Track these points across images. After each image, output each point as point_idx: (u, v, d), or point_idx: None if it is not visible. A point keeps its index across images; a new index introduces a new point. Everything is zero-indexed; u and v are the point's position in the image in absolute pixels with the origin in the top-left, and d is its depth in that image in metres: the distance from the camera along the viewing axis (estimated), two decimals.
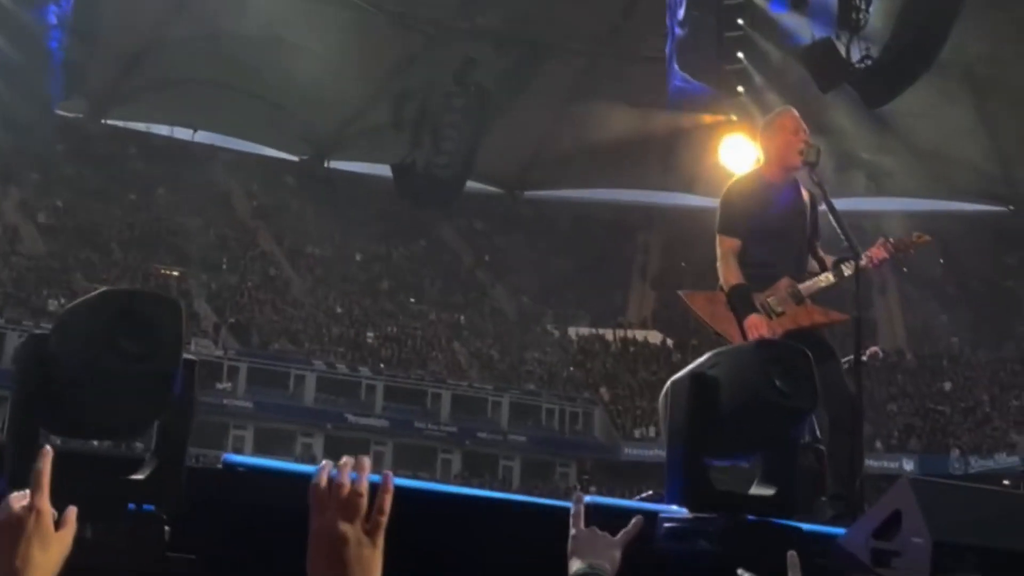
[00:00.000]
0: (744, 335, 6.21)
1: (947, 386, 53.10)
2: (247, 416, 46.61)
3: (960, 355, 54.86)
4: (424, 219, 56.41)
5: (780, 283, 6.41)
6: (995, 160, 56.55)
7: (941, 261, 54.38)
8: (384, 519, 2.03)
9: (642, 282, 62.62)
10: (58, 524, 2.07)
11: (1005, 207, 60.89)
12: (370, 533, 2.02)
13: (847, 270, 6.43)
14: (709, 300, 6.60)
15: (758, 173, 6.78)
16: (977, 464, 47.75)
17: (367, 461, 2.05)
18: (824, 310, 6.44)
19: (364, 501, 2.03)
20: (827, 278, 6.47)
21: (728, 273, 6.43)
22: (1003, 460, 47.26)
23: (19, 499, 2.05)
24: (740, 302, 6.34)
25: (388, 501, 2.05)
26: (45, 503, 2.05)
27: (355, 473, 2.03)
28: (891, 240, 6.65)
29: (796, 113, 6.74)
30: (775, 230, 6.51)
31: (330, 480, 2.04)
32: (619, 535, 2.58)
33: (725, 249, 6.47)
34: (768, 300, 6.38)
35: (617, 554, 2.54)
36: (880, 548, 3.60)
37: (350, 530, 2.00)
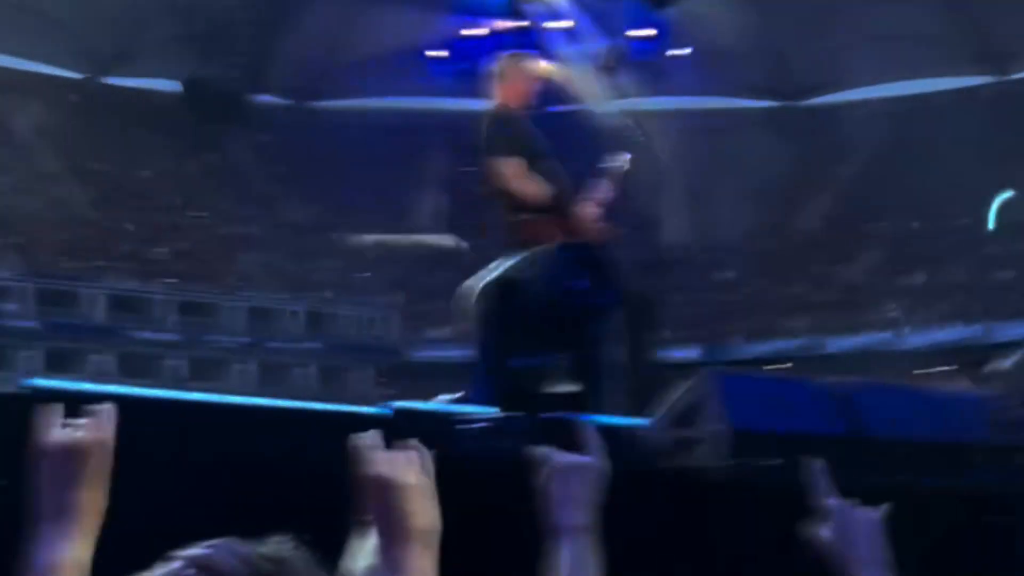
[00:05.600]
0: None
1: (729, 275, 54.69)
2: (36, 336, 45.42)
3: (739, 247, 56.31)
4: (214, 133, 55.07)
5: None
6: (771, 56, 58.16)
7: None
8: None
9: (432, 187, 62.42)
10: None
11: (779, 102, 62.91)
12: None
13: None
14: None
15: None
16: (757, 350, 49.43)
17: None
18: None
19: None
20: None
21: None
22: (780, 345, 49.15)
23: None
24: None
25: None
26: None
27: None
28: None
29: None
30: None
31: None
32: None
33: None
34: None
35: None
36: (683, 437, 3.70)
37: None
